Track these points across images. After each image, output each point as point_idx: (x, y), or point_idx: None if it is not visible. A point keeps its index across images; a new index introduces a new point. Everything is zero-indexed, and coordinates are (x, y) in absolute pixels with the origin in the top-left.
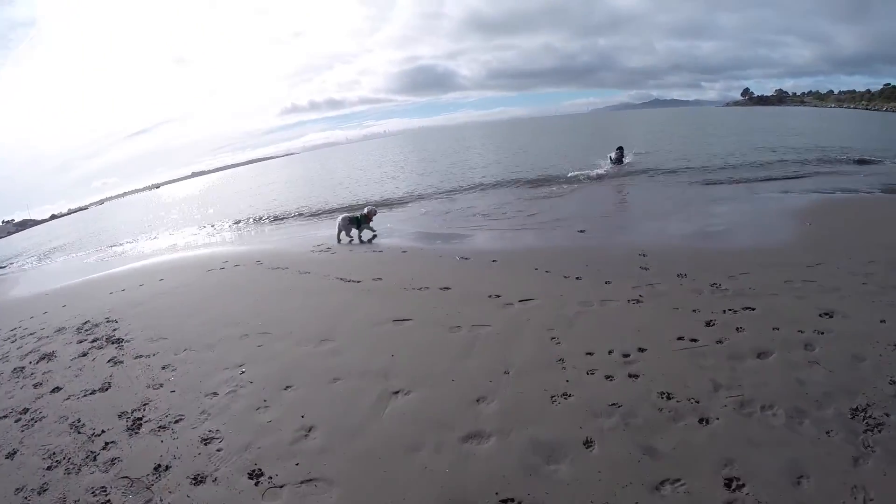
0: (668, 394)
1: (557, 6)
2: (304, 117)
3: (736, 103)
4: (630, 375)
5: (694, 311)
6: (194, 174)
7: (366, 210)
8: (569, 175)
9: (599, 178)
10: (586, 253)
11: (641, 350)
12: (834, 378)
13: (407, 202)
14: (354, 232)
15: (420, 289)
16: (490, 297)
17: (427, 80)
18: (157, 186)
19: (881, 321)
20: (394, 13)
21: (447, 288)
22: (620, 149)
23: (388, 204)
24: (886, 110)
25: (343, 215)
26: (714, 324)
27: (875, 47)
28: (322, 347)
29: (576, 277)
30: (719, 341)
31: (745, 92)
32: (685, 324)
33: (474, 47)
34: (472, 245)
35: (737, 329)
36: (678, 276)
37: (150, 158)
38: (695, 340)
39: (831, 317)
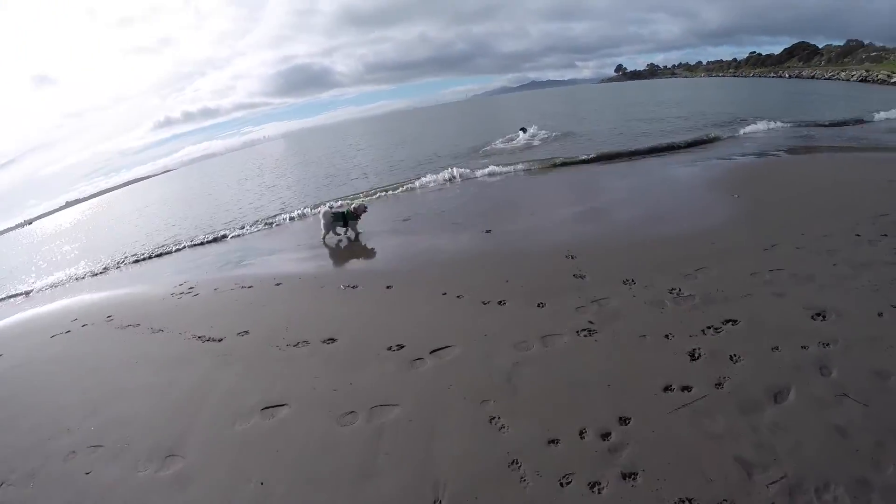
0: (689, 501)
1: None
2: (180, 130)
3: (610, 79)
4: (625, 476)
5: (666, 336)
6: (69, 203)
7: (353, 206)
8: (460, 165)
9: (492, 167)
10: (502, 261)
11: (624, 422)
12: (872, 415)
13: (285, 215)
14: (341, 229)
15: (297, 344)
16: (391, 349)
17: (304, 80)
18: (30, 222)
19: (878, 314)
20: (265, 12)
21: (332, 340)
22: (523, 129)
23: (267, 222)
24: (754, 76)
25: (325, 210)
26: (701, 355)
27: (738, 20)
28: (166, 471)
29: (498, 302)
30: (719, 384)
31: (619, 68)
32: (664, 361)
33: (350, 42)
34: (360, 265)
35: (731, 358)
36: (625, 282)
37: (20, 191)
38: (688, 389)
39: (825, 318)
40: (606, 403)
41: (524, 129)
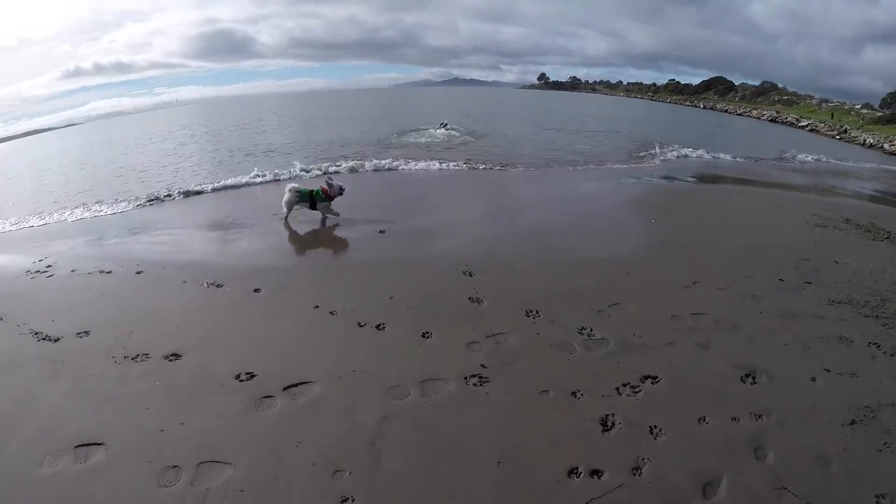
0: None
1: None
2: (89, 82)
3: (532, 86)
4: None
5: (574, 394)
6: None
7: (324, 184)
8: (368, 154)
9: (401, 160)
10: (390, 271)
11: None
12: None
13: (178, 189)
14: (309, 212)
15: (136, 357)
16: (239, 377)
17: (225, 46)
18: None
19: (812, 379)
20: None
21: (176, 356)
22: (443, 124)
23: (157, 198)
24: (670, 102)
25: (290, 186)
26: (615, 423)
27: (663, 47)
28: None
29: (377, 325)
30: (636, 469)
31: (542, 77)
32: (570, 430)
33: (278, 13)
34: (232, 258)
35: (651, 431)
36: (528, 314)
37: None
38: (598, 474)
39: (755, 380)
40: (493, 491)
41: (444, 125)
